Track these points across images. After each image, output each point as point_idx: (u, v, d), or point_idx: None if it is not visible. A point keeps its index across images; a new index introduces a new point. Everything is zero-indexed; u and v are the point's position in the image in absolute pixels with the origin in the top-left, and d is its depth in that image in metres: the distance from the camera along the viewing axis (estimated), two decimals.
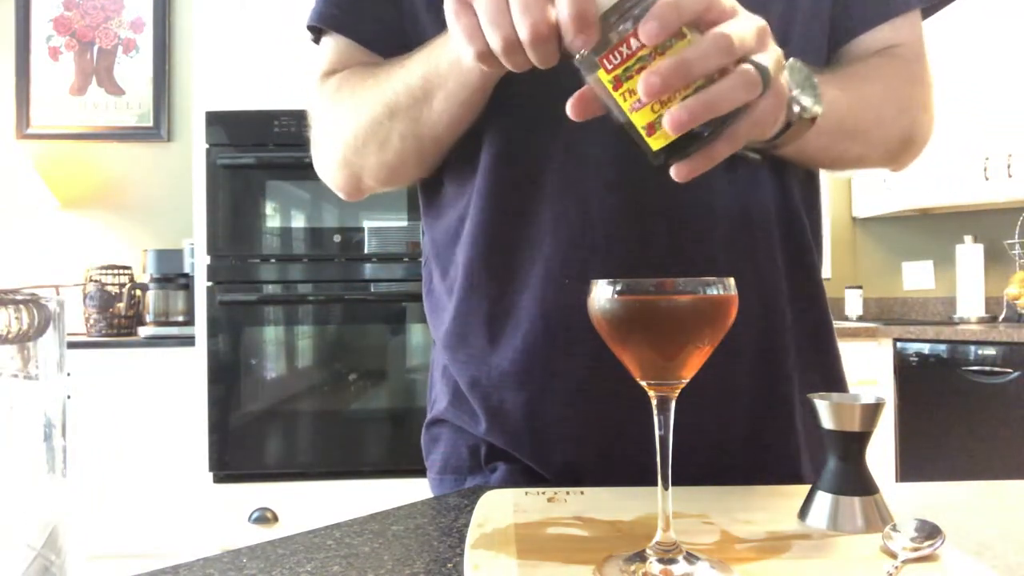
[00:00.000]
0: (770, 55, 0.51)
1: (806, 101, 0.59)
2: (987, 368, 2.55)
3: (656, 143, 0.49)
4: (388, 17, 0.76)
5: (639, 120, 0.49)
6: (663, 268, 0.67)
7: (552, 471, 0.72)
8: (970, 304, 3.07)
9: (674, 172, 0.51)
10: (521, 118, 0.70)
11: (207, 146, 2.51)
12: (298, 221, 2.58)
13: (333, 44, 0.78)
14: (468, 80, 0.63)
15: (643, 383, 0.48)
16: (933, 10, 0.80)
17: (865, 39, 0.77)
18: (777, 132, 0.60)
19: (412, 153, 0.71)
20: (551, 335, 0.70)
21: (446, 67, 0.63)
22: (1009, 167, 2.79)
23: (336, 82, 0.76)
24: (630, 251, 0.68)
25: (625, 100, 0.48)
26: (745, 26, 0.49)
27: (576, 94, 0.51)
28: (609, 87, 0.49)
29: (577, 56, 0.49)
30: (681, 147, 0.49)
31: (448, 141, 0.71)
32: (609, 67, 0.48)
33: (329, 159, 0.78)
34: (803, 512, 0.55)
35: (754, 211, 0.71)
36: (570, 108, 0.52)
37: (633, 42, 0.47)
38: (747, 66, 0.49)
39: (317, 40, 0.81)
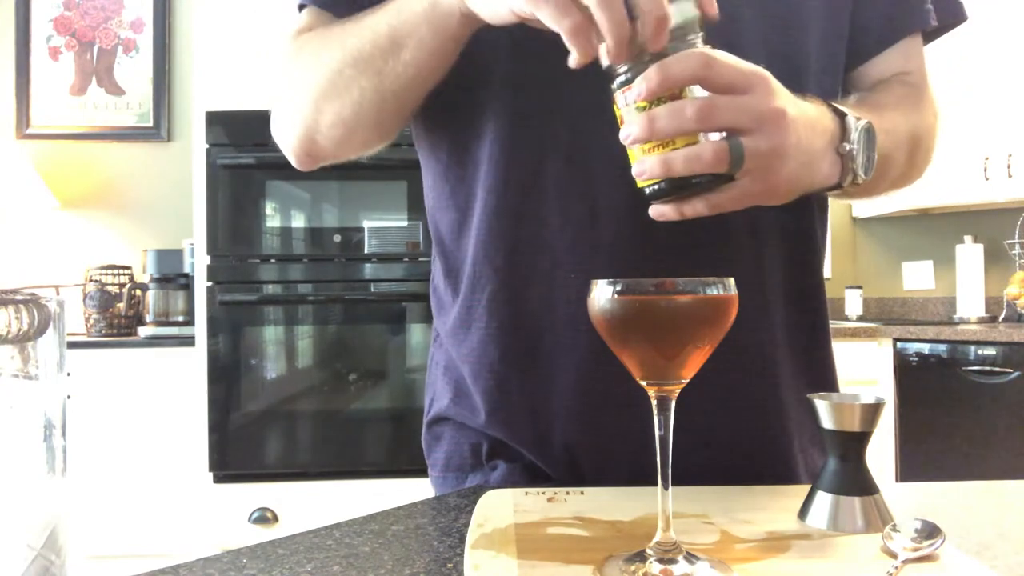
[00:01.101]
0: (770, 140, 0.52)
1: (860, 170, 0.60)
2: (987, 368, 2.55)
3: (638, 181, 0.53)
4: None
5: (630, 155, 0.53)
6: (667, 266, 0.67)
7: (552, 464, 0.72)
8: (970, 304, 3.07)
9: (651, 209, 0.55)
10: (525, 114, 0.69)
11: (207, 146, 2.51)
12: (298, 221, 2.58)
13: (309, 10, 0.77)
14: (445, 25, 0.62)
15: (643, 383, 0.48)
16: (937, 34, 0.81)
17: (877, 65, 0.77)
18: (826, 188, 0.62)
19: (370, 108, 0.68)
20: (555, 330, 0.70)
21: (421, 11, 0.62)
22: (1009, 167, 2.79)
23: (305, 38, 0.74)
24: (634, 248, 0.68)
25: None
26: (742, 104, 0.51)
27: None
28: (619, 119, 0.53)
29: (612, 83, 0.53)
30: (651, 194, 0.53)
31: (409, 99, 0.69)
32: (620, 103, 0.52)
33: (286, 117, 0.75)
34: (803, 512, 0.55)
35: (764, 215, 0.71)
36: None
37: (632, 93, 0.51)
38: (719, 141, 0.50)
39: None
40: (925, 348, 2.71)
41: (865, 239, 3.58)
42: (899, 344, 2.78)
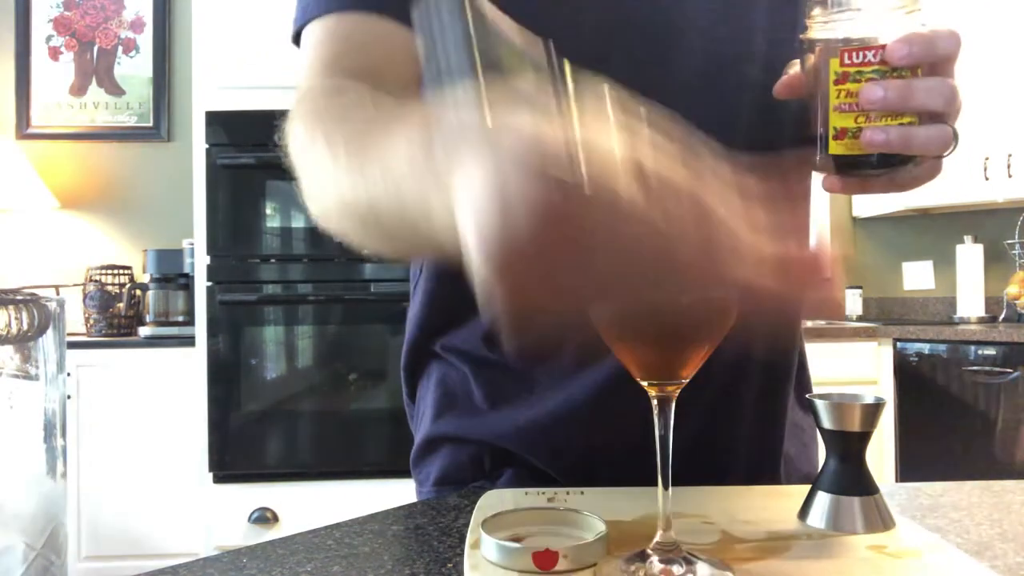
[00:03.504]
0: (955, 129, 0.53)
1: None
2: (987, 368, 2.55)
3: (836, 148, 0.52)
4: None
5: (836, 121, 0.52)
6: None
7: (558, 469, 0.71)
8: (970, 304, 3.07)
9: (825, 183, 0.54)
10: None
11: (207, 146, 2.51)
12: (298, 221, 2.58)
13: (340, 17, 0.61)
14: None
15: (643, 383, 0.48)
16: None
17: None
18: None
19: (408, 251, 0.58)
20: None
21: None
22: (1009, 167, 2.79)
23: (317, 106, 0.54)
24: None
25: (836, 97, 0.51)
26: (958, 92, 0.51)
27: (789, 77, 0.54)
28: (832, 78, 0.51)
29: (812, 37, 0.52)
30: (850, 164, 0.52)
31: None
32: (845, 61, 0.51)
33: (309, 203, 0.53)
34: (803, 512, 0.55)
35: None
36: (779, 86, 0.55)
37: (878, 54, 0.50)
38: (947, 127, 0.51)
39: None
40: (925, 348, 2.71)
41: (865, 239, 3.58)
42: (899, 344, 2.78)
